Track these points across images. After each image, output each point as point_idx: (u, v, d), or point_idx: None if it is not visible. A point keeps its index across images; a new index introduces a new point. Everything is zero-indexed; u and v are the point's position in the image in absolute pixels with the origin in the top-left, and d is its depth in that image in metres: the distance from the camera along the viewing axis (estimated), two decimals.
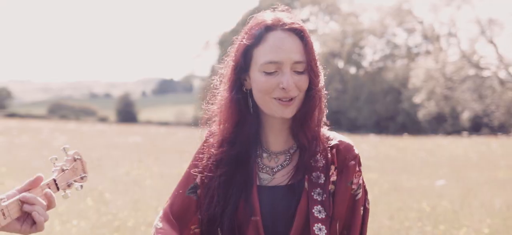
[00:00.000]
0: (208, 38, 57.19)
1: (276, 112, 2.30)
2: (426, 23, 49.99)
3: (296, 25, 2.29)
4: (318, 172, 2.33)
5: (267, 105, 2.30)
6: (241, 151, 2.41)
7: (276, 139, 2.41)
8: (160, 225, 2.46)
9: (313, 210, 2.28)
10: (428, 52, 48.12)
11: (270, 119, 2.37)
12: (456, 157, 20.86)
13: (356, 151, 2.39)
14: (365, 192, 2.43)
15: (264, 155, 2.41)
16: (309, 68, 2.27)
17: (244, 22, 2.40)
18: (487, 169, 16.72)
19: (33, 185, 2.08)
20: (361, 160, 2.41)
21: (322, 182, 2.32)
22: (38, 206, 2.03)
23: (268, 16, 2.33)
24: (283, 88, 2.25)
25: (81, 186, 2.27)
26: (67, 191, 2.21)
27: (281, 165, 2.38)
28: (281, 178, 2.37)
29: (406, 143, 28.68)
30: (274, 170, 2.38)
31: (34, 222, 2.05)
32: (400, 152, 23.04)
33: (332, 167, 2.34)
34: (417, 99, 43.23)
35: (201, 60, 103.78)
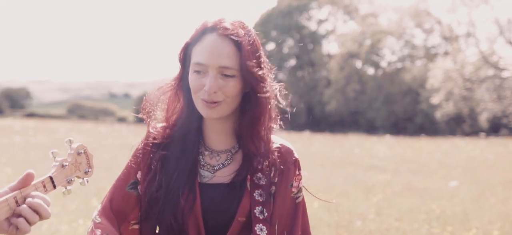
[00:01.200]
0: None
1: (201, 111, 2.36)
2: (444, 23, 49.65)
3: (231, 31, 2.31)
4: (260, 174, 2.41)
5: (196, 103, 2.37)
6: (185, 142, 2.45)
7: (218, 137, 2.47)
8: (99, 219, 2.44)
9: (255, 211, 2.35)
10: (446, 53, 47.75)
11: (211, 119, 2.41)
12: (472, 158, 20.67)
13: (296, 155, 2.50)
14: (303, 198, 2.51)
15: (206, 152, 2.47)
16: (244, 74, 2.30)
17: (262, 22, 2.45)
18: (502, 171, 16.52)
19: (24, 183, 1.99)
20: (300, 165, 2.49)
21: (264, 183, 2.40)
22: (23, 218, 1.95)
23: (212, 19, 2.36)
24: (206, 90, 2.29)
25: (87, 181, 2.18)
26: (68, 187, 2.11)
27: (222, 164, 2.45)
28: (222, 176, 2.43)
29: (423, 144, 28.49)
30: (215, 168, 2.45)
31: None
32: (415, 152, 22.87)
33: (273, 169, 2.42)
34: (435, 100, 42.89)
35: None
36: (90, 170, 2.20)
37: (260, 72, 2.35)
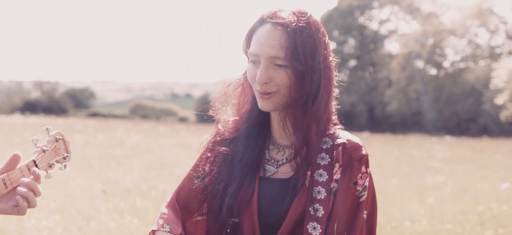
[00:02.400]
0: None
1: (258, 103, 2.32)
2: (509, 22, 48.74)
3: (284, 20, 2.26)
4: (322, 170, 2.32)
5: (255, 95, 2.34)
6: (251, 135, 2.43)
7: (283, 131, 2.40)
8: (165, 210, 2.50)
9: (310, 208, 2.26)
10: (511, 52, 46.88)
11: (274, 112, 2.38)
12: None
13: (364, 151, 2.34)
14: (372, 197, 2.37)
15: (271, 147, 2.44)
16: (293, 65, 2.24)
17: (322, 22, 2.45)
18: None
19: (11, 165, 2.10)
20: (368, 162, 2.35)
21: (324, 180, 2.30)
22: (30, 193, 2.06)
23: (271, 8, 2.34)
24: (257, 81, 2.27)
25: (65, 166, 2.28)
26: (49, 171, 2.22)
27: (286, 159, 2.39)
28: (284, 171, 2.37)
29: (484, 145, 28.03)
30: (279, 163, 2.40)
31: (16, 204, 2.08)
32: (475, 154, 22.51)
33: (337, 165, 2.31)
34: (499, 100, 42.06)
35: None
36: (68, 155, 2.29)
37: (311, 62, 2.27)
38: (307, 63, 2.25)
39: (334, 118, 2.42)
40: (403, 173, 15.17)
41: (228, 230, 2.38)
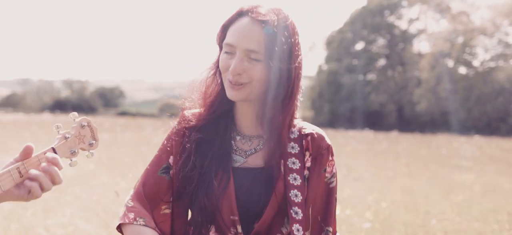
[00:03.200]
0: (315, 38, 57.30)
1: (227, 93, 2.38)
2: None
3: (264, 16, 2.32)
4: (294, 158, 2.43)
5: (224, 84, 2.40)
6: (218, 125, 2.49)
7: (249, 122, 2.49)
8: (131, 203, 2.49)
9: (290, 194, 2.37)
10: None
11: (241, 102, 2.44)
12: None
13: (328, 141, 2.51)
14: (337, 183, 2.53)
15: (238, 137, 2.50)
16: (267, 60, 2.30)
17: (352, 22, 2.48)
18: None
19: (25, 156, 2.06)
20: (332, 150, 2.52)
21: (298, 167, 2.42)
22: (36, 182, 2.03)
23: (249, 3, 2.40)
24: (230, 71, 2.32)
25: (92, 153, 2.24)
26: (73, 159, 2.18)
27: (254, 149, 2.47)
28: (254, 161, 2.44)
29: None
30: (247, 153, 2.46)
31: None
32: (505, 153, 22.31)
33: (307, 154, 2.45)
34: None
35: (308, 61, 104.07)
36: (94, 142, 2.24)
37: (287, 61, 2.34)
38: (284, 62, 2.33)
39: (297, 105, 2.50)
40: (431, 172, 15.04)
41: (202, 223, 2.42)
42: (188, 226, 2.50)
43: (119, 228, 2.44)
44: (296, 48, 2.37)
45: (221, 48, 2.43)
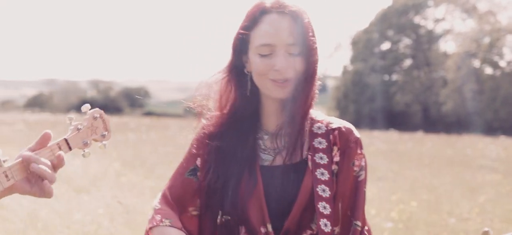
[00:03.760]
0: (340, 38, 57.10)
1: (272, 93, 2.37)
2: None
3: (292, 8, 2.33)
4: (321, 153, 2.40)
5: (264, 86, 2.38)
6: (240, 129, 2.47)
7: (276, 119, 2.46)
8: (159, 205, 2.51)
9: (317, 189, 2.35)
10: None
11: (269, 100, 2.43)
12: None
13: (357, 134, 2.48)
14: (366, 175, 2.50)
15: (265, 136, 2.48)
16: (304, 50, 2.32)
17: (377, 22, 2.51)
18: None
19: (41, 144, 2.08)
20: (362, 144, 2.49)
21: (326, 162, 2.39)
22: (43, 165, 2.02)
23: (268, 0, 2.38)
24: (277, 70, 2.30)
25: (105, 145, 2.26)
26: (86, 150, 2.20)
27: (282, 146, 2.43)
28: (282, 158, 2.42)
29: None
30: (275, 151, 2.44)
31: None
32: None
33: (335, 148, 2.42)
34: None
35: (333, 61, 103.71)
36: (106, 133, 2.27)
37: (313, 49, 2.37)
38: (312, 49, 2.36)
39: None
40: (455, 172, 14.94)
41: (232, 227, 2.42)
42: (217, 229, 2.49)
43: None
44: (315, 32, 2.39)
45: (236, 54, 2.42)
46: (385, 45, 58.78)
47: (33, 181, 2.05)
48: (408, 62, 58.65)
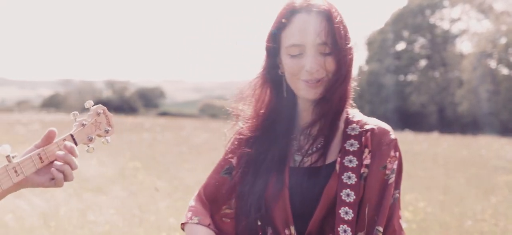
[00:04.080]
0: (356, 39, 56.97)
1: (304, 93, 2.32)
2: None
3: (321, 6, 2.28)
4: (351, 156, 2.33)
5: (296, 87, 2.33)
6: (275, 131, 2.44)
7: (311, 119, 2.40)
8: (193, 203, 2.56)
9: (341, 194, 2.28)
10: None
11: (303, 101, 2.39)
12: None
13: (392, 136, 2.37)
14: (399, 178, 2.38)
15: (301, 137, 2.43)
16: (336, 49, 2.26)
17: (393, 22, 2.45)
18: None
19: (47, 141, 2.13)
20: (398, 146, 2.38)
21: (355, 165, 2.32)
22: (66, 166, 2.11)
23: (298, 1, 2.33)
24: (307, 70, 2.26)
25: (107, 140, 2.30)
26: (91, 145, 2.24)
27: (315, 147, 2.39)
28: (314, 159, 2.37)
29: None
30: (308, 152, 2.38)
31: (53, 178, 2.13)
32: None
33: (366, 151, 2.34)
34: None
35: None
36: (110, 128, 2.30)
37: (346, 48, 2.30)
38: (344, 47, 2.28)
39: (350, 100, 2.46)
40: (470, 173, 14.90)
41: (260, 228, 2.41)
42: (247, 228, 2.47)
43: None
44: (348, 31, 2.33)
45: (272, 54, 2.39)
46: (401, 46, 58.67)
47: (42, 172, 2.12)
48: (423, 62, 58.51)
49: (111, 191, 10.42)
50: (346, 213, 2.27)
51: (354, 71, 2.40)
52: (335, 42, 2.26)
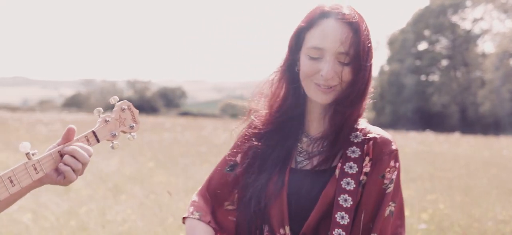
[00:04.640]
0: (377, 38, 56.79)
1: (314, 96, 2.34)
2: None
3: (352, 19, 2.29)
4: (352, 162, 2.36)
5: (307, 88, 2.35)
6: (285, 128, 2.47)
7: (318, 124, 2.45)
8: (195, 198, 2.60)
9: (339, 198, 2.31)
10: None
11: (313, 104, 2.42)
12: None
13: (394, 147, 2.40)
14: (398, 190, 2.41)
15: (305, 139, 2.46)
16: (356, 62, 2.27)
17: (414, 22, 2.45)
18: None
19: (67, 138, 2.15)
20: (398, 156, 2.40)
21: (354, 172, 2.35)
22: (72, 159, 2.11)
23: (328, 3, 2.34)
24: (322, 75, 2.27)
25: (133, 136, 2.30)
26: (115, 142, 2.25)
27: (318, 151, 2.42)
28: (316, 163, 2.40)
29: None
30: (311, 155, 2.42)
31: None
32: None
33: (367, 159, 2.37)
34: None
35: None
36: (135, 124, 2.30)
37: (367, 60, 2.32)
38: (364, 62, 2.30)
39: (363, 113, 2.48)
40: (491, 174, 14.79)
41: (257, 224, 2.44)
42: (247, 225, 2.51)
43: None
44: (372, 47, 2.36)
45: (293, 51, 2.40)
46: (422, 46, 58.46)
47: (59, 167, 2.12)
48: (445, 62, 58.27)
49: (130, 190, 10.44)
50: (342, 217, 2.30)
51: (373, 81, 2.41)
52: (357, 55, 2.27)
